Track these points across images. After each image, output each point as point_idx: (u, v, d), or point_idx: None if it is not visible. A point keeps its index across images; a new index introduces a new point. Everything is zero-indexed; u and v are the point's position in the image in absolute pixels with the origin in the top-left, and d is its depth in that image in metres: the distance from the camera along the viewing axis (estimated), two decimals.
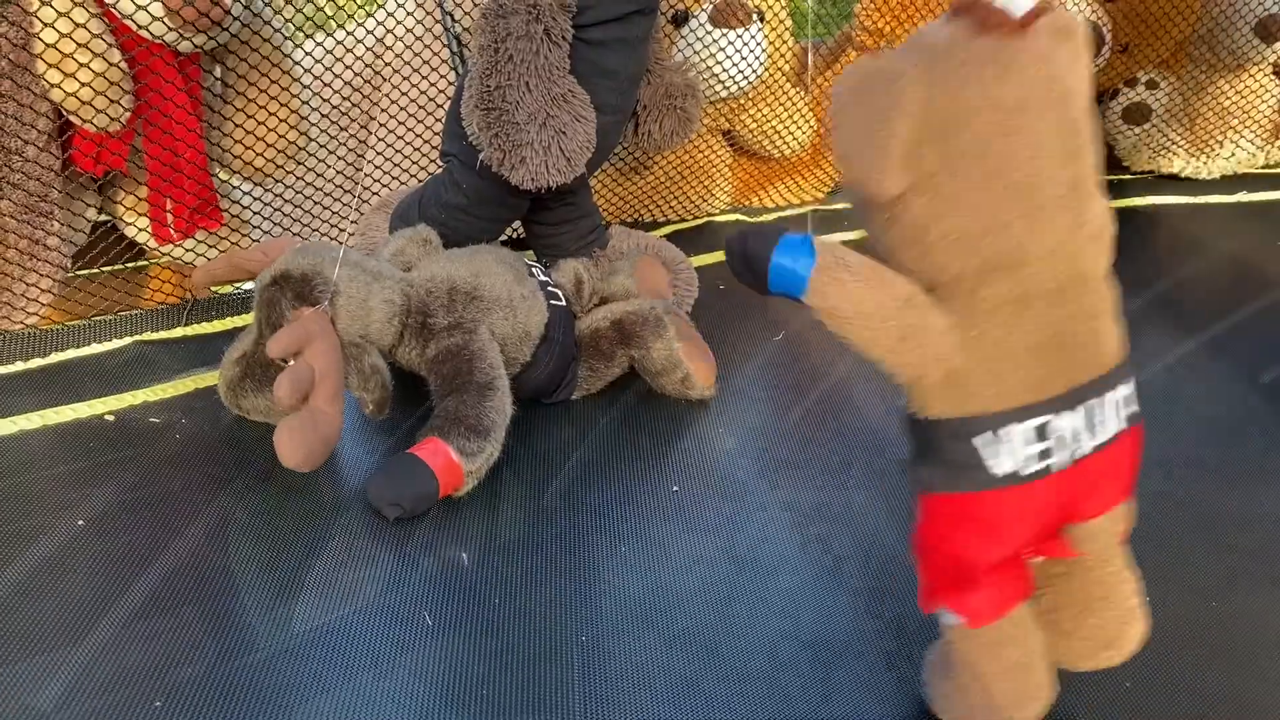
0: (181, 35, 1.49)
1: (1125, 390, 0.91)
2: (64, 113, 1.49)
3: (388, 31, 1.91)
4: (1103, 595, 0.96)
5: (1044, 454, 0.86)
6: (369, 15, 1.96)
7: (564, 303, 1.39)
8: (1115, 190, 2.39)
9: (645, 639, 1.11)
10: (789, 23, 2.14)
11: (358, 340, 1.30)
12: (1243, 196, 2.40)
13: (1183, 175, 2.47)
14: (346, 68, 1.83)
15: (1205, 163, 2.46)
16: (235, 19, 1.53)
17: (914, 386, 0.88)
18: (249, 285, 1.80)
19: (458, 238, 1.52)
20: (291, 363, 1.21)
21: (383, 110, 1.87)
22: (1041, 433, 0.86)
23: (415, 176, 1.88)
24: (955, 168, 0.82)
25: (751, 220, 2.15)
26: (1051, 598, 0.97)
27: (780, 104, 2.13)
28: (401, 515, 1.24)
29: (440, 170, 1.57)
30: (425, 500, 1.25)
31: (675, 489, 1.31)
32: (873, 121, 0.82)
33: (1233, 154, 2.46)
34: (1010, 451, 0.86)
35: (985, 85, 0.81)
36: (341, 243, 1.70)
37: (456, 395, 1.30)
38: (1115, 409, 0.90)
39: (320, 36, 1.78)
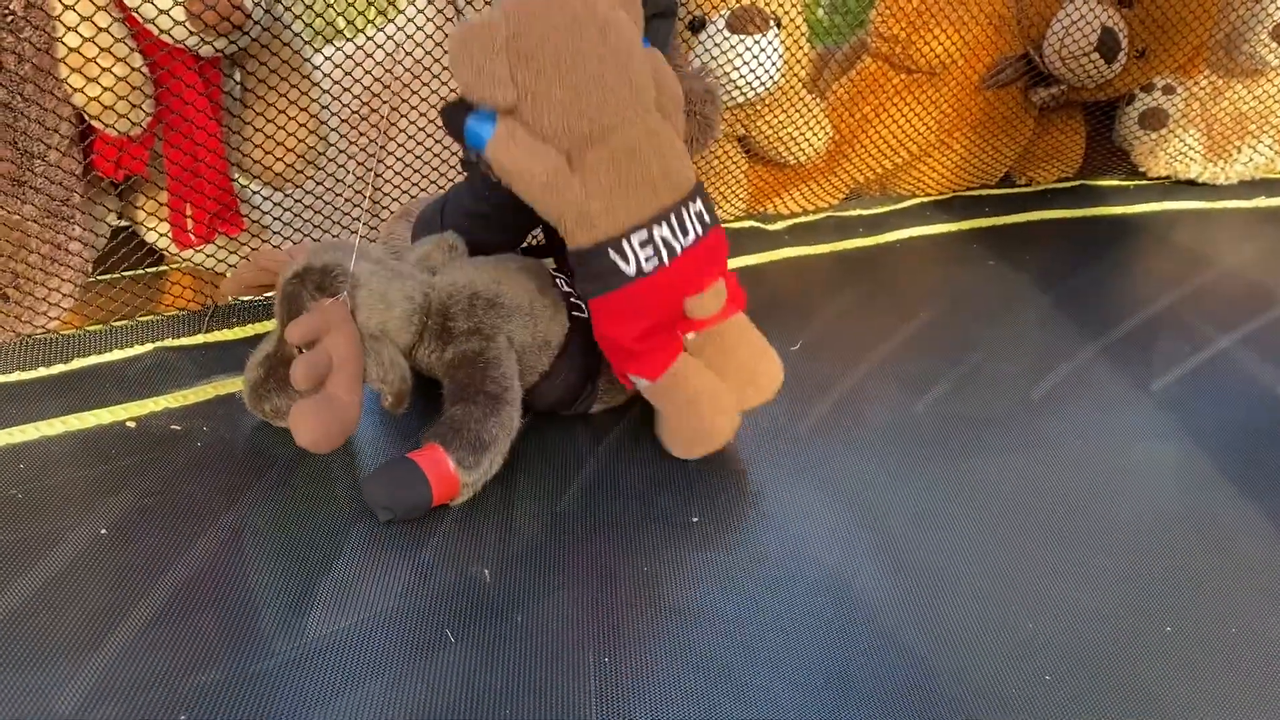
0: (202, 39, 1.49)
1: (698, 205, 1.31)
2: (85, 117, 1.49)
3: (408, 38, 1.91)
4: (734, 344, 1.39)
5: (653, 255, 1.27)
6: (389, 21, 1.96)
7: (586, 314, 1.39)
8: (1132, 196, 2.40)
9: (663, 657, 1.11)
10: (805, 29, 2.14)
11: (377, 333, 1.31)
12: (1260, 201, 2.40)
13: (1200, 180, 2.46)
14: (366, 73, 1.83)
15: (1222, 168, 2.46)
16: (255, 23, 1.53)
17: (562, 225, 1.27)
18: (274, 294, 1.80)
19: (480, 245, 1.52)
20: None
21: (401, 115, 1.87)
22: (647, 240, 1.26)
23: (435, 183, 1.88)
24: (539, 79, 1.21)
25: (767, 227, 2.15)
26: (709, 358, 1.38)
27: (796, 110, 2.12)
28: (392, 520, 1.26)
29: (461, 179, 1.57)
30: (417, 509, 1.26)
31: (695, 519, 1.32)
32: (479, 58, 1.20)
33: (1250, 159, 2.45)
34: (633, 256, 1.26)
35: (546, 19, 1.21)
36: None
37: (465, 404, 1.31)
38: (694, 218, 1.30)
39: (339, 42, 1.78)
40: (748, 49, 1.95)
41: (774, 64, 1.99)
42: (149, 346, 1.57)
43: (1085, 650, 1.14)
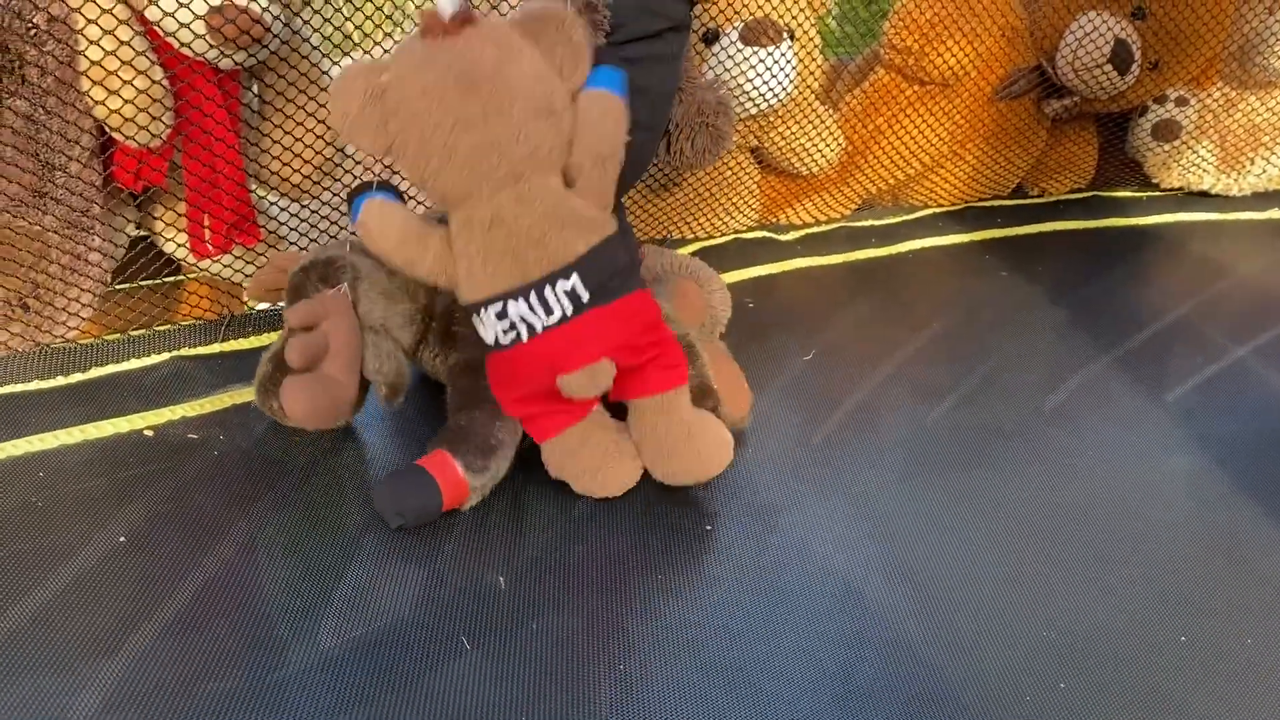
0: (222, 53, 1.51)
1: (570, 283, 1.22)
2: (106, 129, 1.51)
3: None
4: (657, 422, 1.32)
5: (509, 329, 1.23)
6: (406, 33, 1.97)
7: None
8: (1145, 207, 2.39)
9: (677, 664, 1.11)
10: (818, 40, 2.15)
11: (378, 327, 1.33)
12: (1274, 213, 2.39)
13: (1213, 192, 2.46)
14: None
15: (1235, 179, 2.45)
16: (275, 36, 1.55)
17: (439, 284, 1.27)
18: None
19: None
20: None
21: None
22: (502, 314, 1.23)
23: None
24: (405, 133, 1.19)
25: (779, 238, 2.16)
26: (645, 428, 1.33)
27: (808, 121, 2.13)
28: (404, 525, 1.27)
29: None
30: (428, 514, 1.27)
31: (709, 527, 1.32)
32: (351, 105, 1.20)
33: (1263, 170, 2.45)
34: (490, 327, 1.25)
35: (415, 74, 1.18)
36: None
37: (469, 410, 1.32)
38: (562, 297, 1.22)
39: (356, 54, 1.80)
40: (761, 61, 1.96)
41: (787, 76, 2.00)
42: (166, 356, 1.58)
43: (1100, 659, 1.14)
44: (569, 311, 1.23)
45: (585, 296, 1.23)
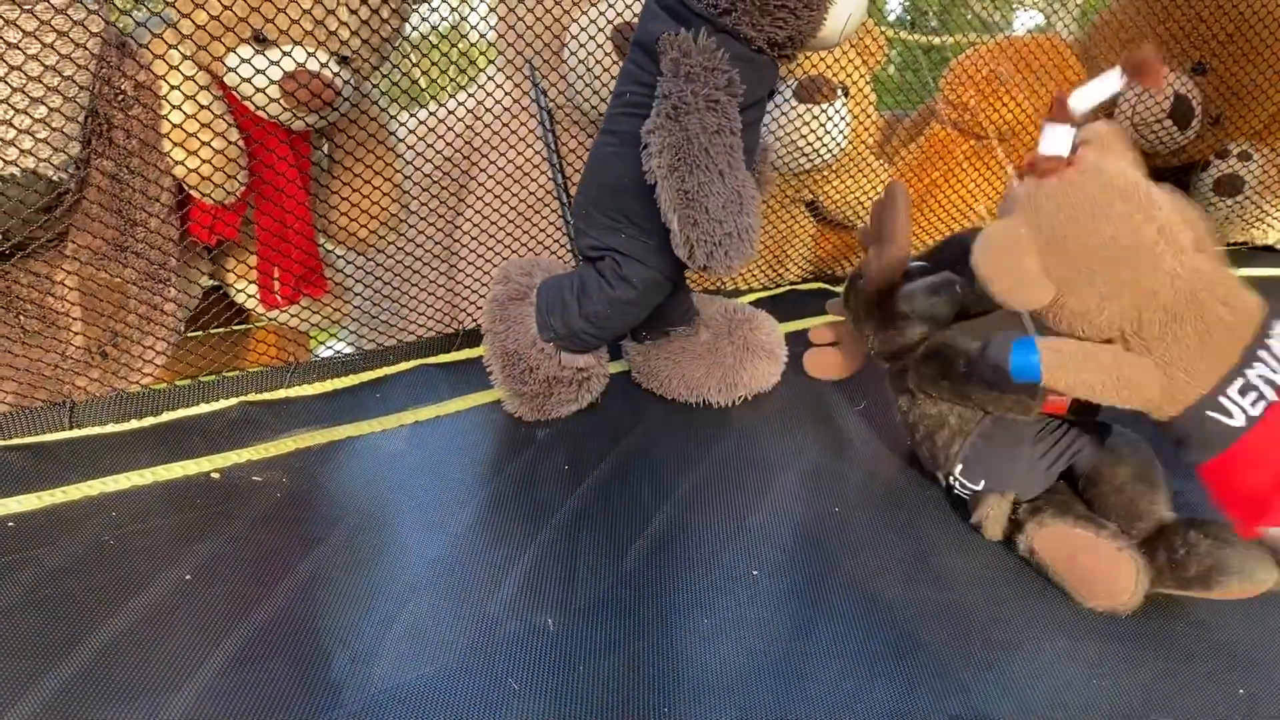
0: (295, 115, 1.59)
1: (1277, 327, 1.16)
2: (185, 187, 1.59)
3: (485, 109, 1.99)
4: None
5: (1257, 398, 1.14)
6: (470, 95, 2.04)
7: None
8: None
9: (721, 709, 1.11)
10: (872, 96, 2.18)
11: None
12: None
13: (1278, 246, 2.42)
14: (447, 144, 1.92)
15: None
16: (345, 99, 1.62)
17: (1149, 407, 1.20)
18: (341, 346, 1.88)
19: (618, 331, 1.59)
20: None
21: (479, 184, 1.95)
22: (1245, 387, 1.14)
23: (509, 248, 1.94)
24: (1074, 270, 1.14)
25: (835, 289, 2.17)
26: None
27: (863, 175, 2.15)
28: None
29: (584, 266, 1.58)
30: None
31: (755, 572, 1.32)
32: (1009, 264, 1.15)
33: None
34: (1237, 408, 1.15)
35: (1071, 212, 1.13)
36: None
37: None
38: None
39: (423, 114, 1.87)
40: (815, 117, 1.99)
41: (841, 131, 2.03)
42: (234, 401, 1.64)
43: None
44: None
45: None
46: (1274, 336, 1.16)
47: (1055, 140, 1.17)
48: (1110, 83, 1.17)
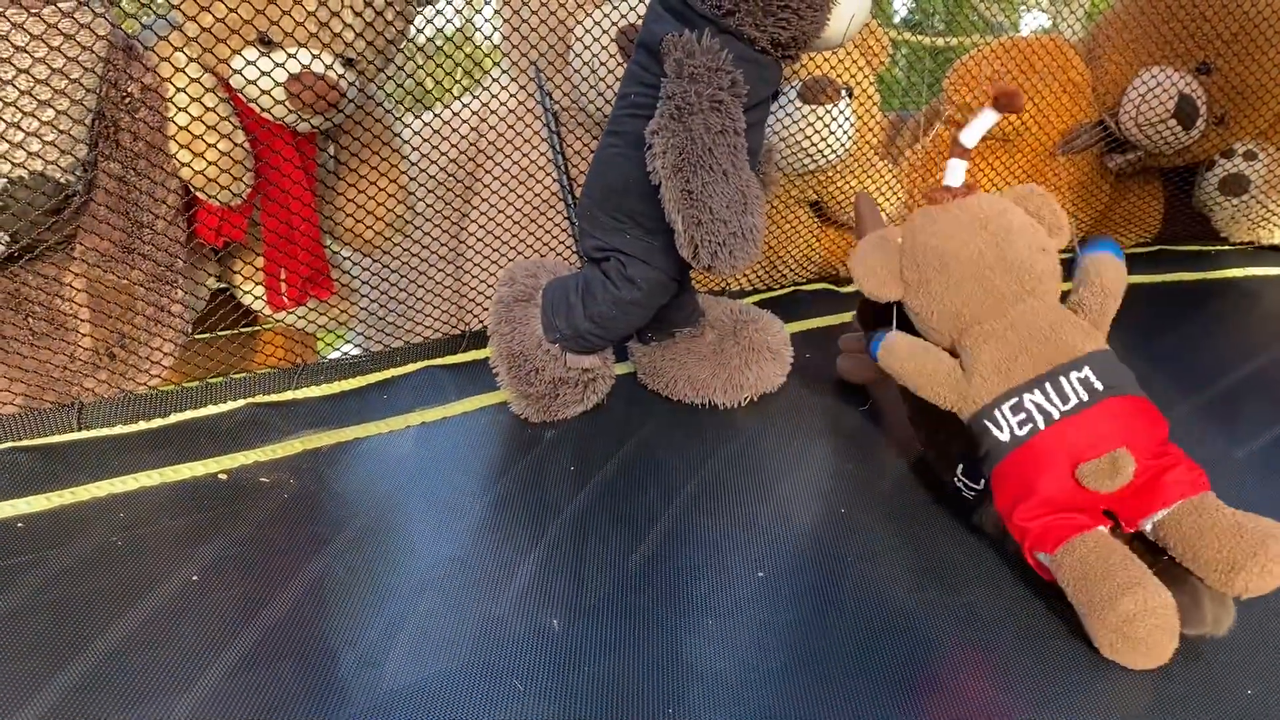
0: (300, 117, 1.59)
1: (1082, 373, 1.26)
2: (191, 189, 1.59)
3: (491, 112, 2.00)
4: (1194, 532, 1.19)
5: (1026, 420, 1.26)
6: (475, 97, 2.05)
7: None
8: (1213, 261, 2.36)
9: (725, 711, 1.11)
10: (877, 97, 2.18)
11: None
12: None
13: None
14: (452, 145, 1.92)
15: None
16: (350, 101, 1.63)
17: (950, 407, 1.36)
18: (348, 348, 1.88)
19: (624, 332, 1.58)
20: None
21: (485, 185, 1.95)
22: (1017, 407, 1.27)
23: (515, 249, 1.95)
24: (923, 272, 1.37)
25: (839, 290, 2.17)
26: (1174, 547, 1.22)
27: (868, 176, 2.15)
28: None
29: (589, 267, 1.58)
30: None
31: (761, 575, 1.32)
32: (868, 264, 1.41)
33: None
34: (1005, 424, 1.28)
35: (928, 227, 1.38)
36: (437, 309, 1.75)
37: None
38: (1078, 385, 1.26)
39: (428, 116, 1.88)
40: (819, 119, 1.99)
41: (846, 132, 2.03)
42: (241, 402, 1.64)
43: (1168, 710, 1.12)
44: (1085, 398, 1.25)
45: (1100, 386, 1.25)
46: (1075, 374, 1.26)
47: (953, 173, 1.42)
48: (985, 118, 1.41)
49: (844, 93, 2.01)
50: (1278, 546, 1.15)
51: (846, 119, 2.02)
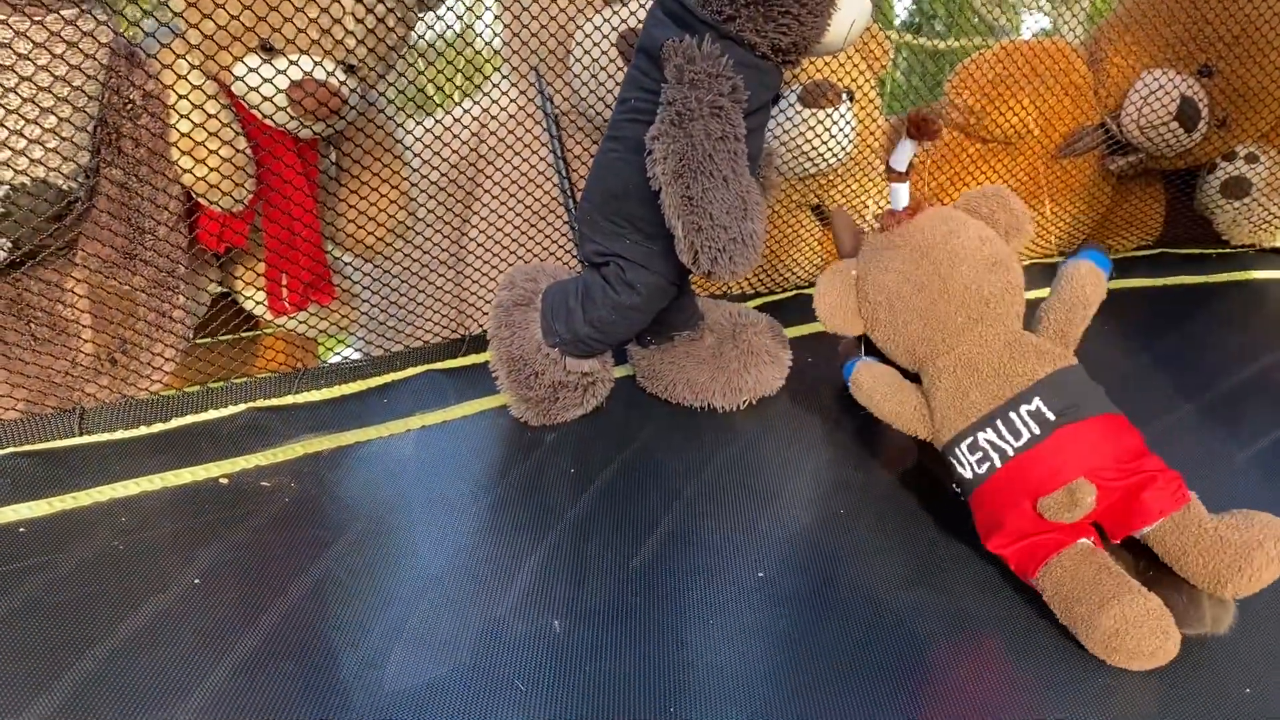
0: (302, 124, 1.60)
1: (1032, 405, 1.27)
2: (193, 195, 1.60)
3: (492, 117, 2.00)
4: (1179, 550, 1.19)
5: (983, 459, 1.29)
6: (475, 102, 2.06)
7: None
8: (1215, 264, 2.36)
9: (725, 712, 1.11)
10: (878, 101, 2.18)
11: None
12: None
13: None
14: (453, 151, 1.92)
15: None
16: (351, 108, 1.63)
17: (920, 435, 1.40)
18: (349, 352, 1.89)
19: (623, 336, 1.59)
20: None
21: (485, 190, 1.96)
22: (973, 446, 1.30)
23: (516, 254, 1.95)
24: (876, 308, 1.41)
25: None
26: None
27: (869, 179, 2.16)
28: None
29: (589, 272, 1.58)
30: None
31: (760, 575, 1.32)
32: (834, 296, 1.44)
33: None
34: (966, 463, 1.31)
35: (877, 260, 1.41)
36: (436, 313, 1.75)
37: None
38: (1028, 419, 1.26)
39: (429, 122, 1.88)
40: (820, 122, 2.00)
41: (846, 136, 2.03)
42: (242, 407, 1.65)
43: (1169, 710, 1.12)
44: (1037, 432, 1.25)
45: (1051, 416, 1.25)
46: (1024, 408, 1.27)
47: (896, 197, 1.44)
48: (906, 146, 1.42)
49: (845, 96, 2.01)
50: (1262, 557, 1.14)
51: (847, 122, 2.02)
